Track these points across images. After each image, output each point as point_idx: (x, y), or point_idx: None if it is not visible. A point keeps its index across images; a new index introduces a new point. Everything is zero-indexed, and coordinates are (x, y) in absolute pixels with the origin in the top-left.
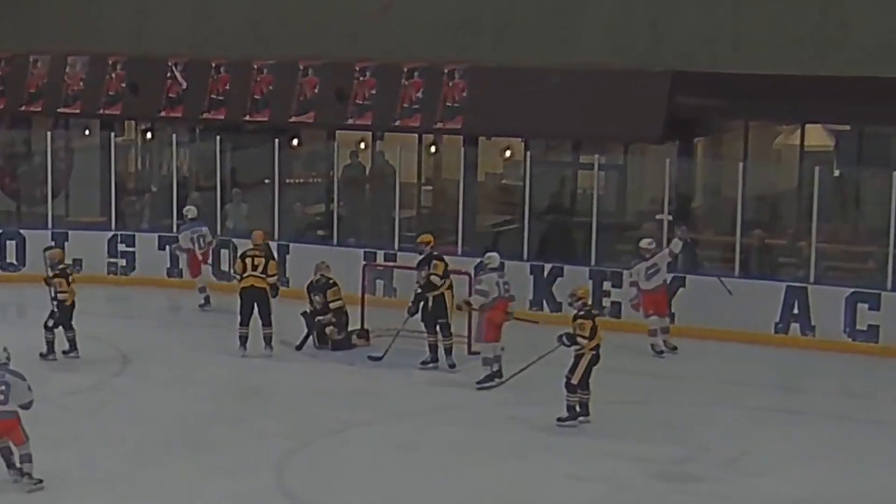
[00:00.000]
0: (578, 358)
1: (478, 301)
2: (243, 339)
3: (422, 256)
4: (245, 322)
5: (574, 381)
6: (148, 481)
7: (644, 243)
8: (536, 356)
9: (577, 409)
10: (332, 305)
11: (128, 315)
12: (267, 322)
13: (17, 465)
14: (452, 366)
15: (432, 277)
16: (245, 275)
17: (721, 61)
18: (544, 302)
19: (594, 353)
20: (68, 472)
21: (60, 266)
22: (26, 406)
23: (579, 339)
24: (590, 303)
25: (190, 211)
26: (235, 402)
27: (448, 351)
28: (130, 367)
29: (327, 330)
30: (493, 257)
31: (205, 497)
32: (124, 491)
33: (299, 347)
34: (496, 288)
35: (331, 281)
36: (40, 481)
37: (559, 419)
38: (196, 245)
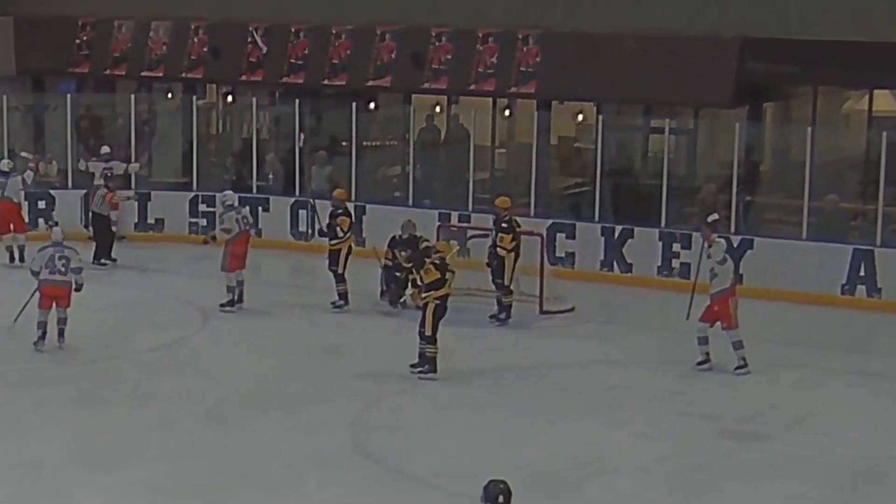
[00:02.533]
0: (424, 308)
1: (222, 236)
2: (343, 295)
3: (498, 218)
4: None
5: (427, 332)
6: (226, 439)
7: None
8: None
9: (435, 361)
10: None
11: (208, 274)
12: (342, 281)
13: (59, 327)
14: (496, 317)
15: (499, 249)
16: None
17: (791, 27)
18: (615, 263)
19: (438, 303)
20: (148, 429)
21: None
22: (78, 277)
23: (417, 283)
24: (447, 258)
25: (228, 197)
26: (312, 360)
27: (507, 306)
28: (210, 325)
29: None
30: (229, 195)
31: (282, 455)
32: (203, 449)
33: (391, 302)
34: (236, 224)
35: (417, 237)
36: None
37: (412, 366)
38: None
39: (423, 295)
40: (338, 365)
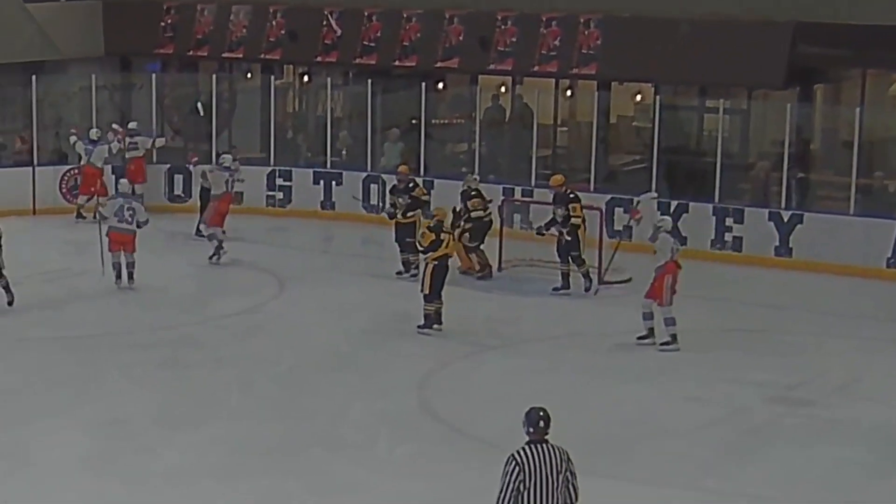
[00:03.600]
0: (425, 267)
1: (216, 197)
2: (408, 265)
3: (557, 194)
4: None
5: (425, 291)
6: (299, 401)
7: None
8: None
9: (434, 316)
10: (472, 215)
11: (284, 244)
12: (413, 250)
13: (128, 270)
14: (587, 289)
15: (574, 220)
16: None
17: (840, 12)
18: None
19: (436, 263)
20: (226, 391)
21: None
22: (142, 224)
23: (418, 246)
24: (445, 222)
25: (226, 160)
26: (381, 327)
27: (585, 275)
28: (285, 292)
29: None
30: (227, 158)
31: (352, 416)
32: (277, 410)
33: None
34: (225, 185)
35: (474, 192)
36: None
37: (418, 326)
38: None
39: (423, 257)
40: (406, 331)
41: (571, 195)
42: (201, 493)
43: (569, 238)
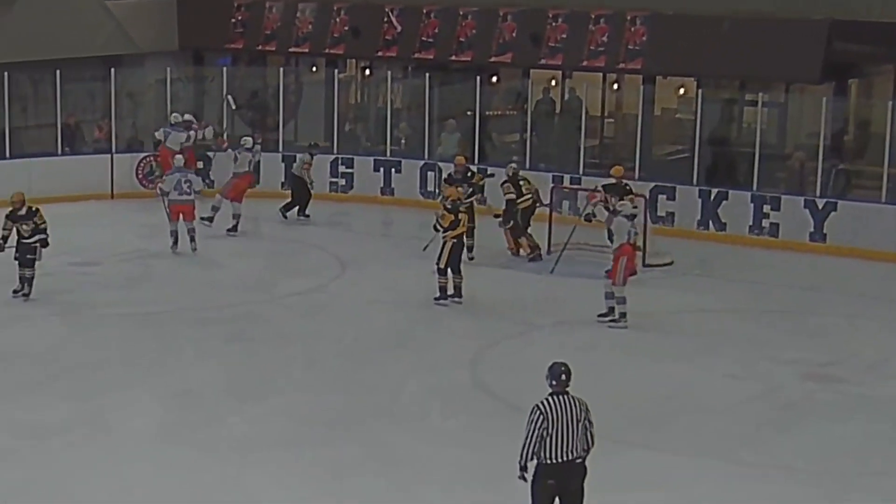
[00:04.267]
0: (443, 245)
1: (237, 175)
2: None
3: (610, 184)
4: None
5: (441, 265)
6: (359, 375)
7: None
8: None
9: (449, 290)
10: (506, 198)
11: (346, 228)
12: (471, 235)
13: (189, 236)
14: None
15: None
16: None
17: (874, 11)
18: (710, 222)
19: (455, 241)
20: (291, 365)
21: None
22: (199, 194)
23: (437, 227)
24: (458, 201)
25: (247, 142)
26: (437, 307)
27: None
28: (347, 272)
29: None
30: (248, 140)
31: (408, 390)
32: (339, 383)
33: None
34: (247, 165)
35: (509, 179)
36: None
37: (434, 298)
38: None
39: (443, 235)
40: (459, 310)
41: (627, 186)
42: (268, 461)
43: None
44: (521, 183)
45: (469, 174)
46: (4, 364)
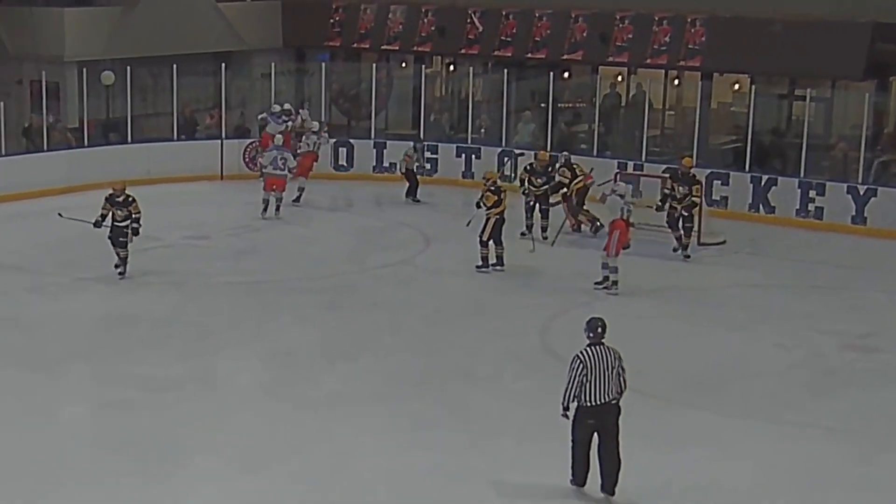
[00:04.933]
0: (487, 220)
1: (302, 154)
2: (545, 228)
3: (679, 172)
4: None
5: (484, 237)
6: (441, 339)
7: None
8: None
9: (491, 259)
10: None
11: (431, 207)
12: (546, 216)
13: (276, 204)
14: (687, 256)
15: (694, 198)
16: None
17: None
18: (760, 206)
19: (498, 217)
20: (380, 330)
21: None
22: (292, 171)
23: (482, 205)
24: (498, 183)
25: (315, 125)
26: (511, 279)
27: (679, 239)
28: (431, 247)
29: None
30: (315, 124)
31: (484, 353)
32: (422, 347)
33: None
34: (313, 145)
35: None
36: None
37: (476, 266)
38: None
39: (486, 212)
40: (531, 283)
41: (695, 177)
42: (357, 415)
43: (685, 213)
44: (575, 166)
45: (549, 168)
46: (129, 326)
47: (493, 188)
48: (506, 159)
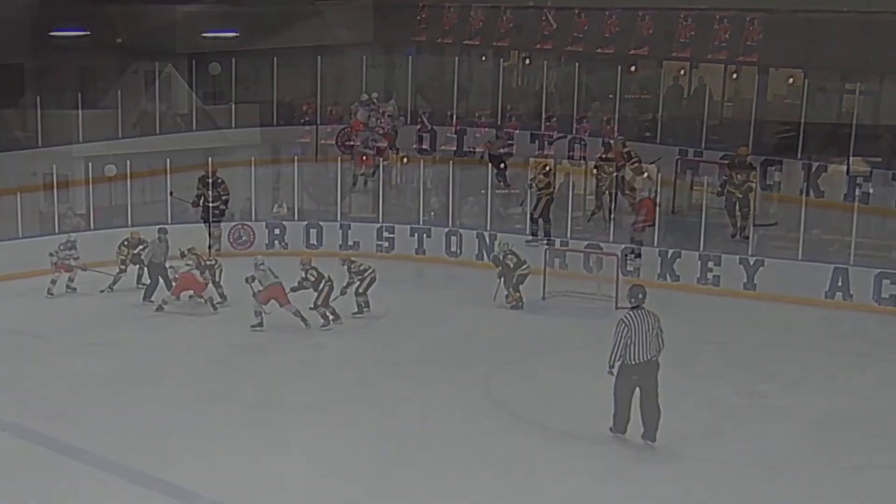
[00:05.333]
0: (538, 200)
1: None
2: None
3: (736, 160)
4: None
5: (536, 215)
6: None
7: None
8: None
9: (539, 234)
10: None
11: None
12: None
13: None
14: (746, 238)
15: (750, 184)
16: None
17: None
18: (811, 190)
19: (548, 198)
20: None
21: None
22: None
23: (532, 185)
24: (546, 171)
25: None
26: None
27: (735, 224)
28: None
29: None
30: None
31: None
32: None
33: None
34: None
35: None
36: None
37: (526, 242)
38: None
39: (538, 193)
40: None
41: (751, 164)
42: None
43: (740, 196)
44: (629, 150)
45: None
46: None
47: (545, 173)
48: (576, 145)
